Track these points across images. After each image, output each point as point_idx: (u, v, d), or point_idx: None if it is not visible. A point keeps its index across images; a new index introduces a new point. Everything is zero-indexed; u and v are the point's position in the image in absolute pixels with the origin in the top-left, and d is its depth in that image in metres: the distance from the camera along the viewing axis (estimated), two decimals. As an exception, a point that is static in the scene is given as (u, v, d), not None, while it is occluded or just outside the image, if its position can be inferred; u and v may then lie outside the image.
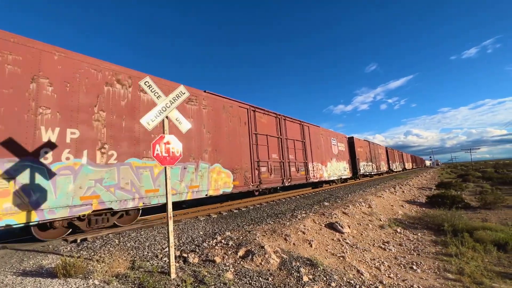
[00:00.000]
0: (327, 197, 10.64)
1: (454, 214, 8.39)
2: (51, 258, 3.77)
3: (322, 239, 5.56)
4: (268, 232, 5.23)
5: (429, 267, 5.13)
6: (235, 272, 3.58)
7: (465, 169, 46.35)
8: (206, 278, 3.24)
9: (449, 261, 5.34)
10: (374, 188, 14.26)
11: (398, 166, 41.34)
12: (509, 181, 20.32)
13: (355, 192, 11.98)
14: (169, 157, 3.51)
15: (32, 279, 2.99)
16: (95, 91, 5.37)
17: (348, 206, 8.30)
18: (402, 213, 9.73)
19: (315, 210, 7.56)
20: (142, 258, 3.88)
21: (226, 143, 8.54)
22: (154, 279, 3.08)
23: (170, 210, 3.35)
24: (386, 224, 7.66)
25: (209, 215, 7.26)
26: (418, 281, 4.50)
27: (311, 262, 4.15)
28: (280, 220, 6.30)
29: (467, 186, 19.24)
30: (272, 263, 3.97)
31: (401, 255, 5.69)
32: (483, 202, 11.50)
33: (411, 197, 14.19)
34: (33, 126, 4.41)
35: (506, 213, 10.22)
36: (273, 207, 8.36)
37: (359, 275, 4.34)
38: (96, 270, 3.20)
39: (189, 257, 3.92)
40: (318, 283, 3.61)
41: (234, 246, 4.43)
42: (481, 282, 4.43)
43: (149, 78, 3.60)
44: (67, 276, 3.00)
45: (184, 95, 3.79)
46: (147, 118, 3.43)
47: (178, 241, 4.73)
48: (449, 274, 4.80)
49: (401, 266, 5.13)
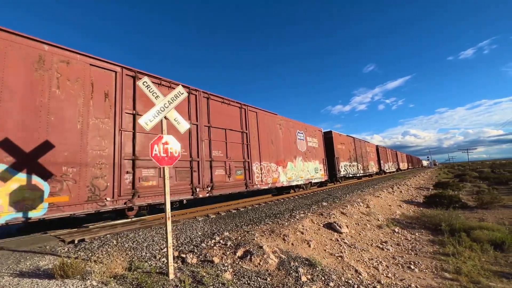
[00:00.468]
0: (326, 197, 10.67)
1: (451, 213, 8.44)
2: (48, 259, 3.75)
3: (320, 239, 5.57)
4: (266, 232, 5.23)
5: (426, 267, 5.16)
6: (233, 272, 3.58)
7: (462, 169, 46.66)
8: (205, 278, 3.24)
9: (447, 261, 5.37)
10: (372, 188, 14.32)
11: (391, 167, 37.85)
12: (506, 181, 20.47)
13: (353, 192, 12.02)
14: (167, 157, 3.50)
15: (29, 280, 2.97)
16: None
17: (346, 206, 8.33)
18: (400, 213, 9.77)
19: (314, 210, 7.57)
20: (140, 259, 3.87)
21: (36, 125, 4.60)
22: (152, 280, 3.07)
23: (169, 211, 3.35)
24: (384, 224, 7.69)
25: (208, 216, 7.25)
26: (415, 280, 4.52)
27: (309, 262, 4.16)
28: (279, 220, 6.31)
29: (464, 186, 19.35)
30: (271, 263, 3.97)
31: (399, 255, 5.72)
32: (480, 202, 11.57)
33: (409, 197, 14.26)
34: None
35: (502, 212, 10.29)
36: (271, 207, 8.36)
37: (357, 275, 4.36)
38: (94, 271, 3.18)
39: (188, 257, 3.91)
40: (317, 283, 3.62)
41: (233, 246, 4.42)
42: (478, 281, 4.46)
43: (147, 78, 3.60)
44: (64, 277, 2.98)
45: (182, 96, 3.78)
46: (145, 118, 3.42)
47: (176, 242, 4.72)
48: (446, 274, 4.82)
49: (399, 265, 5.15)
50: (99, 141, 5.41)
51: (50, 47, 5.02)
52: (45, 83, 4.84)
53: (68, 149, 4.93)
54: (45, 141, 4.67)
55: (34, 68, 4.75)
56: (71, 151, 4.96)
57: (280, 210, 7.84)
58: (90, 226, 6.03)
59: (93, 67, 5.59)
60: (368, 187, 14.60)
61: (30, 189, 4.39)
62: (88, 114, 5.33)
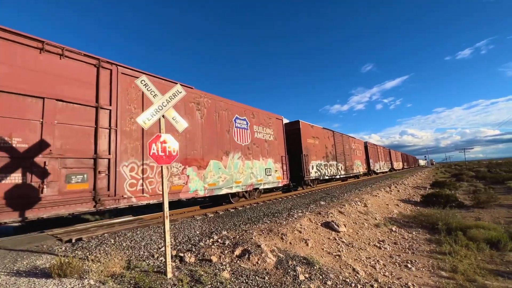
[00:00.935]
0: (323, 196, 10.70)
1: (448, 213, 8.50)
2: (45, 258, 3.73)
3: (318, 238, 5.59)
4: (264, 231, 5.24)
5: (423, 265, 5.20)
6: (231, 271, 3.59)
7: (459, 169, 46.99)
8: (203, 277, 3.24)
9: (443, 259, 5.41)
10: (370, 187, 14.38)
11: (383, 166, 34.01)
12: (502, 180, 20.63)
13: (351, 192, 12.07)
14: (165, 156, 3.49)
15: (26, 279, 2.96)
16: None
17: (344, 205, 8.36)
18: (397, 212, 9.83)
19: (312, 209, 7.59)
20: (138, 258, 3.86)
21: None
22: (150, 279, 3.07)
23: (167, 209, 3.34)
24: (381, 223, 7.74)
25: (206, 215, 7.25)
26: (412, 279, 4.56)
27: (307, 261, 4.18)
28: (277, 219, 6.32)
29: (461, 186, 19.50)
30: (269, 262, 3.98)
31: (396, 254, 5.75)
32: (476, 201, 11.66)
33: (406, 196, 14.34)
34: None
35: (498, 212, 10.38)
36: (269, 206, 8.37)
37: (355, 274, 4.38)
38: (92, 270, 3.17)
39: (186, 256, 3.91)
40: (314, 281, 3.63)
41: (231, 245, 4.43)
42: (474, 280, 4.50)
43: (145, 77, 3.58)
44: (62, 276, 2.97)
45: (180, 94, 3.77)
46: (143, 117, 3.41)
47: (174, 241, 4.72)
48: (443, 272, 4.86)
49: (396, 264, 5.19)
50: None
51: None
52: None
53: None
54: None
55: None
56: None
57: (278, 209, 7.85)
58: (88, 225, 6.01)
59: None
60: (366, 187, 14.67)
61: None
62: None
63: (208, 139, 8.13)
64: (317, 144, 15.35)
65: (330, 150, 17.28)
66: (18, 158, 4.40)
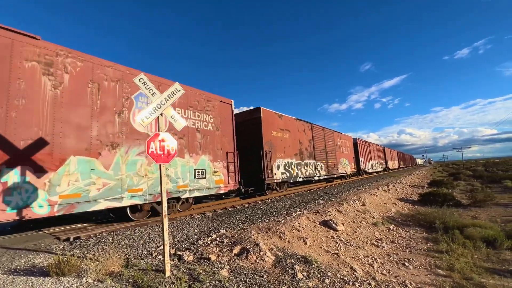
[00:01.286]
0: (322, 195, 10.73)
1: (445, 211, 8.55)
2: (43, 256, 3.72)
3: (316, 237, 5.61)
4: (263, 230, 5.25)
5: (420, 264, 5.23)
6: (230, 270, 3.60)
7: (457, 168, 47.24)
8: (201, 275, 3.25)
9: (440, 258, 5.45)
10: (368, 186, 14.44)
11: (376, 166, 30.82)
12: (499, 179, 20.79)
13: (349, 190, 12.11)
14: (164, 155, 3.49)
15: (24, 278, 2.95)
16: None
17: (342, 204, 8.39)
18: (395, 211, 9.88)
19: (310, 208, 7.62)
20: (136, 256, 3.86)
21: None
22: (148, 277, 3.07)
23: (165, 208, 3.34)
24: (379, 222, 7.78)
25: (204, 213, 7.25)
26: (410, 277, 4.59)
27: (305, 259, 4.19)
28: (275, 218, 6.34)
29: (458, 185, 19.62)
30: (267, 260, 3.99)
31: (393, 252, 5.79)
32: (473, 200, 11.75)
33: (404, 195, 14.41)
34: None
35: (495, 210, 10.47)
36: (268, 205, 8.39)
37: (353, 272, 4.40)
38: (90, 268, 3.17)
39: (184, 255, 3.91)
40: (312, 280, 3.65)
41: (229, 244, 4.44)
42: (471, 278, 4.54)
43: (143, 75, 3.57)
44: (60, 274, 2.97)
45: (179, 93, 3.76)
46: (142, 115, 3.40)
47: (173, 239, 4.72)
48: (439, 270, 4.90)
49: (394, 262, 5.22)
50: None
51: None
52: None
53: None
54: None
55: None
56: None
57: (277, 208, 7.87)
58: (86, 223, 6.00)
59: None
60: (364, 185, 14.72)
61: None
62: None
63: (70, 121, 5.12)
64: (286, 138, 12.47)
65: (307, 146, 14.38)
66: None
